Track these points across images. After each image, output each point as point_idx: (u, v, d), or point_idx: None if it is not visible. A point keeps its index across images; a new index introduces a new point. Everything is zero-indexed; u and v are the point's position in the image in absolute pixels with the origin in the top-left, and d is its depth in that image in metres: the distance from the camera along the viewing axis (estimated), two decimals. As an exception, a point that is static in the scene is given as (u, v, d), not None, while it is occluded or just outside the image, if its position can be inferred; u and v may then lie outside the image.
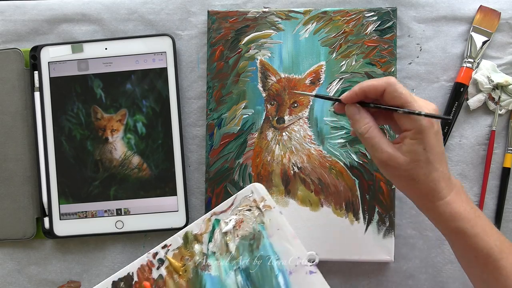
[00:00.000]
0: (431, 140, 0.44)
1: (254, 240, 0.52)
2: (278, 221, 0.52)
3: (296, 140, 0.58)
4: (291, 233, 0.51)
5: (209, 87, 0.59)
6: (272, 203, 0.52)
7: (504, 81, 0.57)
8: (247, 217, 0.52)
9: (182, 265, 0.52)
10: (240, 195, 0.53)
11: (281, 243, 0.51)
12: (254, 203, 0.52)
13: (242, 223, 0.52)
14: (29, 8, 0.62)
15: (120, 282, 0.52)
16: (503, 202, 0.58)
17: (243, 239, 0.52)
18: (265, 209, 0.52)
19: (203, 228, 0.53)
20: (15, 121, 0.60)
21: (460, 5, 0.59)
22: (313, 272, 0.50)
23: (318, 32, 0.59)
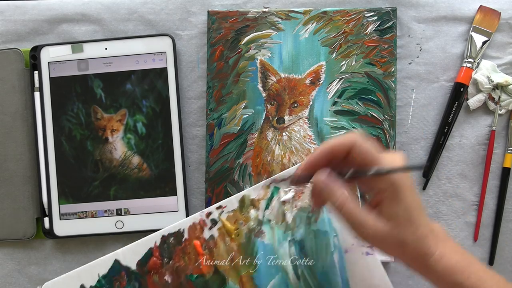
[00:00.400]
0: (409, 197, 0.41)
1: (313, 213, 0.50)
2: None
3: (296, 140, 0.58)
4: None
5: (209, 87, 0.59)
6: None
7: (504, 81, 0.57)
8: (308, 189, 0.50)
9: (236, 229, 0.51)
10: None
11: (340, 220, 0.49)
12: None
13: (302, 194, 0.50)
14: (29, 8, 0.62)
15: (170, 237, 0.51)
16: (503, 202, 0.58)
17: (302, 210, 0.50)
18: None
19: (261, 194, 0.51)
20: (15, 121, 0.60)
21: (460, 5, 0.59)
22: (369, 254, 0.48)
23: (318, 32, 0.59)
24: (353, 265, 0.48)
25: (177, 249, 0.50)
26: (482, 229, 0.58)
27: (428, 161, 0.58)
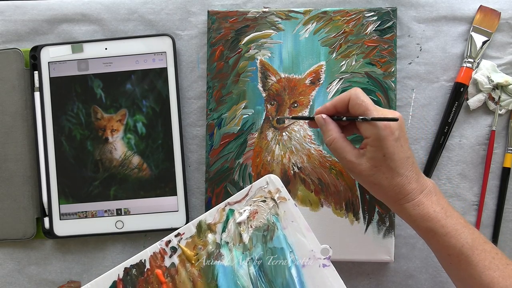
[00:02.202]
0: (390, 147, 0.46)
1: (268, 232, 0.51)
2: (293, 213, 0.51)
3: (296, 140, 0.58)
4: (305, 226, 0.51)
5: (209, 87, 0.59)
6: (287, 195, 0.52)
7: (504, 81, 0.57)
8: (261, 208, 0.52)
9: (195, 254, 0.52)
10: (255, 186, 0.52)
11: (295, 235, 0.51)
12: (269, 194, 0.52)
13: (256, 214, 0.52)
14: (29, 8, 0.62)
15: (132, 269, 0.52)
16: (503, 202, 0.58)
17: (257, 230, 0.51)
18: (279, 201, 0.52)
19: (217, 217, 0.52)
20: (15, 121, 0.60)
21: (460, 5, 0.59)
22: (326, 266, 0.50)
23: (318, 32, 0.59)
24: (312, 279, 0.50)
25: (140, 279, 0.51)
26: (482, 229, 0.58)
27: (428, 164, 0.58)
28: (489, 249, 0.47)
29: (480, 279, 0.46)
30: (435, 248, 0.49)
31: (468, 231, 0.47)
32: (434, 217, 0.47)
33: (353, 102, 0.48)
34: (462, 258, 0.46)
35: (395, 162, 0.47)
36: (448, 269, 0.49)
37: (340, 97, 0.49)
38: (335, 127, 0.49)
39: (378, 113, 0.47)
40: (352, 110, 0.48)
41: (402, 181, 0.47)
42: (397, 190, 0.47)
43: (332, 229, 0.57)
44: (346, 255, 0.57)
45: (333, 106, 0.49)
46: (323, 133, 0.50)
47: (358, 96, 0.48)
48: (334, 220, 0.57)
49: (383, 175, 0.47)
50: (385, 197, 0.49)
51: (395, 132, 0.46)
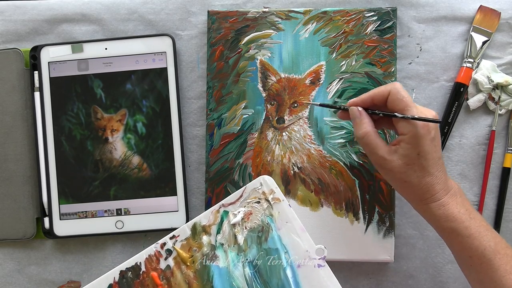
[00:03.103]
0: (426, 146, 0.46)
1: (263, 233, 0.51)
2: (287, 214, 0.51)
3: (296, 140, 0.58)
4: (299, 226, 0.51)
5: (209, 87, 0.59)
6: (281, 195, 0.52)
7: (504, 81, 0.57)
8: (255, 209, 0.52)
9: (190, 256, 0.52)
10: (249, 187, 0.53)
11: (290, 236, 0.51)
12: (263, 196, 0.52)
13: (251, 215, 0.52)
14: (29, 8, 0.62)
15: (127, 272, 0.52)
16: (503, 202, 0.58)
17: (252, 231, 0.52)
18: (274, 202, 0.52)
19: (212, 219, 0.52)
20: (15, 121, 0.60)
21: (460, 5, 0.59)
22: (321, 266, 0.50)
23: (318, 32, 0.59)
24: (307, 279, 0.50)
25: (136, 282, 0.52)
26: (482, 229, 0.58)
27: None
28: (511, 253, 0.46)
29: (500, 283, 0.46)
30: (456, 249, 0.48)
31: (491, 234, 0.47)
32: (458, 218, 0.47)
33: (394, 97, 0.47)
34: (484, 261, 0.46)
35: (428, 161, 0.46)
36: (467, 271, 0.49)
37: (379, 90, 0.48)
38: (369, 121, 0.49)
39: (417, 110, 0.47)
40: (391, 105, 0.48)
41: (432, 181, 0.47)
42: (425, 189, 0.47)
43: (332, 229, 0.57)
44: (346, 255, 0.57)
45: (371, 98, 0.49)
46: (355, 125, 0.49)
47: (399, 91, 0.47)
48: (334, 220, 0.57)
49: (415, 173, 0.47)
50: (411, 196, 0.49)
51: (431, 131, 0.46)
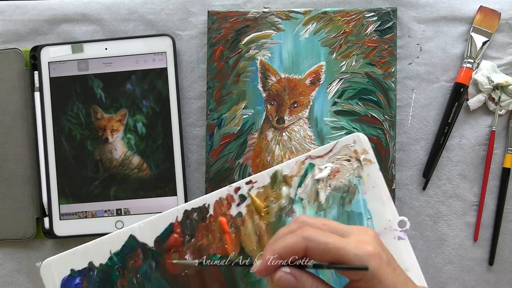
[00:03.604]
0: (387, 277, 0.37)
1: (348, 194, 0.47)
2: (375, 178, 0.47)
3: (296, 141, 0.58)
4: (386, 193, 0.47)
5: (209, 87, 0.59)
6: (373, 157, 0.47)
7: (504, 81, 0.57)
8: (344, 167, 0.48)
9: (265, 206, 0.47)
10: (341, 142, 0.48)
11: (375, 202, 0.47)
12: (354, 154, 0.48)
13: (338, 173, 0.47)
14: (29, 8, 0.62)
15: (193, 213, 0.47)
16: (503, 202, 0.58)
17: (336, 190, 0.47)
18: (365, 163, 0.47)
19: (295, 170, 0.48)
20: (15, 121, 0.60)
21: (460, 6, 0.59)
22: (401, 238, 0.46)
23: (318, 32, 0.59)
24: None
25: (201, 226, 0.46)
26: (482, 230, 0.58)
27: (428, 164, 0.58)
28: None
29: None
30: None
31: None
32: None
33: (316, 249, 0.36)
34: None
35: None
36: None
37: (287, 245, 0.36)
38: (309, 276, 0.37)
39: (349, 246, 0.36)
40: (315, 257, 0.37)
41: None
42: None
43: (332, 229, 0.57)
44: (346, 255, 0.57)
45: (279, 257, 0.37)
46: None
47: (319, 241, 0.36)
48: (334, 220, 0.57)
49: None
50: None
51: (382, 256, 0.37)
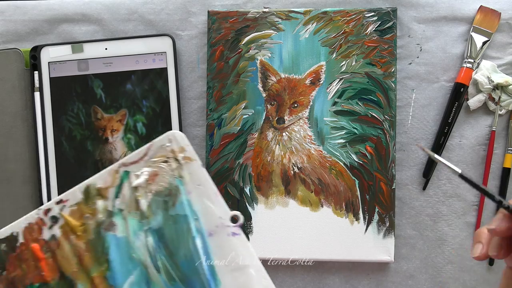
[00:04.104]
0: None
1: (170, 197, 0.45)
2: (199, 176, 0.45)
3: (296, 140, 0.58)
4: (213, 190, 0.45)
5: (209, 87, 0.59)
6: (194, 154, 0.45)
7: (504, 81, 0.57)
8: (163, 169, 0.45)
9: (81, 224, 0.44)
10: (156, 143, 0.45)
11: (201, 201, 0.44)
12: (172, 154, 0.45)
13: (157, 177, 0.45)
14: (29, 8, 0.62)
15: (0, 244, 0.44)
16: (503, 202, 0.58)
17: (157, 195, 0.45)
18: (184, 161, 0.45)
19: (109, 181, 0.45)
20: (15, 121, 0.60)
21: (460, 5, 0.59)
22: (236, 234, 0.44)
23: (318, 32, 0.59)
24: (219, 249, 0.44)
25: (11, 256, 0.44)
26: (482, 229, 0.58)
27: (428, 164, 0.58)
28: None
29: None
30: None
31: None
32: None
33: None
34: None
35: None
36: None
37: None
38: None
39: None
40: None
41: None
42: None
43: (332, 229, 0.57)
44: (346, 255, 0.57)
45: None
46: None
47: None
48: (334, 220, 0.57)
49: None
50: None
51: None
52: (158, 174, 0.45)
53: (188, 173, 0.45)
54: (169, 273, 0.44)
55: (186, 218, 0.44)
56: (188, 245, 0.44)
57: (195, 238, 0.44)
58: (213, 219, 0.44)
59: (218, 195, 0.45)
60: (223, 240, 0.44)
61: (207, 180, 0.45)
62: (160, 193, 0.45)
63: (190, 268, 0.44)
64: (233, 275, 0.44)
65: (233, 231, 0.44)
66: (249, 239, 0.57)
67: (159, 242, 0.44)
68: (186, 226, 0.44)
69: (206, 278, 0.44)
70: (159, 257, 0.44)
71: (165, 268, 0.44)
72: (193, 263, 0.44)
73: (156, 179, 0.45)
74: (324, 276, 0.59)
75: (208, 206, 0.45)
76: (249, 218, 0.58)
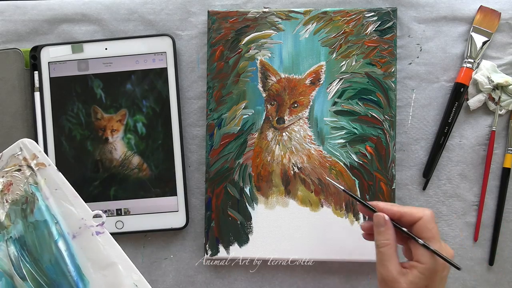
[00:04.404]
0: (435, 282, 0.46)
1: (27, 204, 0.45)
2: (55, 180, 0.46)
3: (296, 140, 0.58)
4: (71, 192, 0.46)
5: (209, 87, 0.59)
6: (47, 160, 0.46)
7: (504, 81, 0.57)
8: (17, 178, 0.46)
9: None
10: (6, 153, 0.46)
11: (61, 204, 0.45)
12: (24, 162, 0.46)
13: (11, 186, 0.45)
14: (29, 8, 0.62)
15: None
16: (503, 202, 0.58)
17: (14, 204, 0.45)
18: (38, 168, 0.46)
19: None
20: (15, 121, 0.60)
21: (460, 5, 0.59)
22: (100, 233, 0.45)
23: (318, 32, 0.59)
24: (84, 249, 0.44)
25: None
26: (482, 229, 0.58)
27: (428, 164, 0.58)
28: None
29: None
30: None
31: None
32: None
33: (423, 224, 0.46)
34: None
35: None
36: None
37: (411, 211, 0.47)
38: (393, 233, 0.47)
39: (441, 245, 0.46)
40: (417, 230, 0.47)
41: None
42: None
43: (332, 229, 0.57)
44: (346, 255, 0.57)
45: (400, 214, 0.47)
46: (377, 232, 0.48)
47: (430, 221, 0.46)
48: (334, 220, 0.57)
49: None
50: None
51: (445, 270, 0.46)
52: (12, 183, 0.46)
53: (43, 178, 0.46)
54: (36, 280, 0.45)
55: (46, 223, 0.45)
56: (52, 249, 0.45)
57: (58, 242, 0.45)
58: (75, 221, 0.45)
59: (77, 197, 0.46)
60: (87, 240, 0.45)
61: (64, 184, 0.46)
62: (17, 201, 0.45)
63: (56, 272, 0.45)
64: (102, 273, 0.45)
65: (97, 230, 0.45)
66: (249, 239, 0.58)
67: (22, 250, 0.45)
68: (47, 231, 0.45)
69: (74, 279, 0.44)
70: (24, 265, 0.44)
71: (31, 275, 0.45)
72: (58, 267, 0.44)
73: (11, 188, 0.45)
74: (324, 276, 0.59)
75: (68, 209, 0.45)
76: (249, 218, 0.58)
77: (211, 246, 0.58)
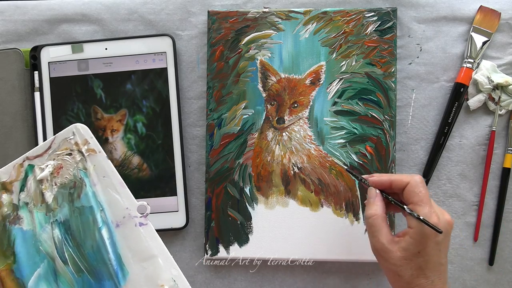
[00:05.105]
0: (428, 247, 0.46)
1: (75, 189, 0.45)
2: (104, 168, 0.46)
3: (296, 140, 0.58)
4: (119, 181, 0.46)
5: (209, 87, 0.59)
6: (97, 146, 0.46)
7: (504, 81, 0.57)
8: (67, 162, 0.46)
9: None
10: (59, 137, 0.46)
11: (107, 192, 0.45)
12: (75, 147, 0.46)
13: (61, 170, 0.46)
14: (29, 8, 0.62)
15: None
16: (503, 202, 0.58)
17: (62, 187, 0.45)
18: (88, 154, 0.46)
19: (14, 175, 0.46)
20: (15, 121, 0.60)
21: (460, 5, 0.59)
22: (143, 224, 0.45)
23: (318, 32, 0.59)
24: (126, 239, 0.44)
25: None
26: (482, 229, 0.58)
27: (428, 164, 0.58)
28: None
29: None
30: None
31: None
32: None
33: (411, 188, 0.47)
34: None
35: (427, 263, 0.46)
36: None
37: (400, 177, 0.48)
38: (382, 204, 0.48)
39: (430, 209, 0.46)
40: (406, 196, 0.47)
41: (425, 284, 0.46)
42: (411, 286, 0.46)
43: (332, 229, 0.57)
44: (346, 255, 0.57)
45: (390, 182, 0.49)
46: (367, 204, 0.49)
47: (417, 185, 0.47)
48: (334, 220, 0.57)
49: (410, 271, 0.46)
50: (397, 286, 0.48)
51: (438, 235, 0.46)
52: (62, 166, 0.46)
53: (93, 165, 0.46)
54: (77, 264, 0.45)
55: (92, 210, 0.45)
56: (95, 236, 0.45)
57: (101, 229, 0.45)
58: (120, 210, 0.45)
59: (124, 186, 0.46)
60: (130, 230, 0.45)
61: (113, 172, 0.46)
62: (65, 185, 0.46)
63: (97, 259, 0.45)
64: (141, 265, 0.45)
65: (140, 222, 0.45)
66: (249, 239, 0.58)
67: (66, 234, 0.45)
68: (92, 217, 0.45)
69: (114, 268, 0.45)
70: (66, 249, 0.45)
71: (72, 259, 0.45)
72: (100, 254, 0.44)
73: (60, 172, 0.46)
74: (324, 276, 0.59)
75: (114, 197, 0.45)
76: (249, 218, 0.58)
77: (211, 246, 0.58)
